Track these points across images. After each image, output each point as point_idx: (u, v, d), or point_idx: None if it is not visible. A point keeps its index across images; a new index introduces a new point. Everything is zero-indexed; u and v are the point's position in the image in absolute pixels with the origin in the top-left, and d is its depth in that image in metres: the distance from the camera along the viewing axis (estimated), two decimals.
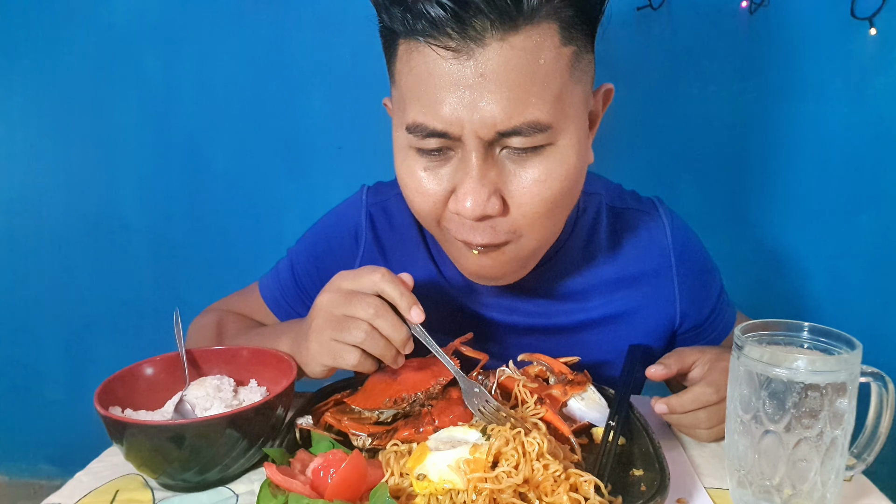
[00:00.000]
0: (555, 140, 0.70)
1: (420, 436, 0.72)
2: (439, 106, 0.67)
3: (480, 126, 0.67)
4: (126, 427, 0.68)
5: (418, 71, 0.69)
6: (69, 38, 1.65)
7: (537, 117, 0.67)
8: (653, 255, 0.95)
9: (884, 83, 1.40)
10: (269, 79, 1.61)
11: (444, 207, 0.76)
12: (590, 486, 0.62)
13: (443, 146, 0.71)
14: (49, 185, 1.76)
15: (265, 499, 0.63)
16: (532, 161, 0.71)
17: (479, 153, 0.69)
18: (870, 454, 0.66)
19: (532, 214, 0.73)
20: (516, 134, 0.68)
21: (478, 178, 0.70)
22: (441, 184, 0.74)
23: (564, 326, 0.95)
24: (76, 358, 1.90)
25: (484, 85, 0.66)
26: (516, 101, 0.66)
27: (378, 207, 1.00)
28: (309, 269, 1.03)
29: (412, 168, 0.75)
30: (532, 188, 0.71)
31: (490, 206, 0.71)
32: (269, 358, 0.83)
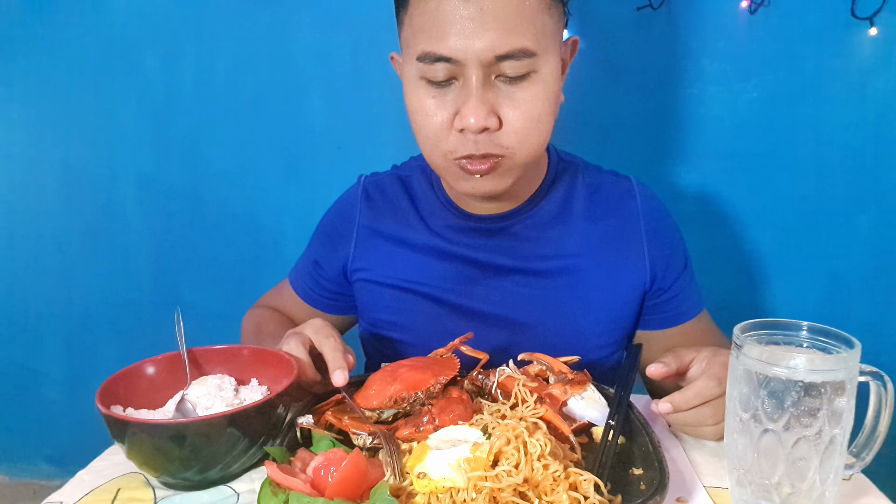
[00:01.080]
0: (538, 68, 0.85)
1: (420, 434, 0.72)
2: (447, 36, 0.81)
3: (481, 50, 0.81)
4: (128, 426, 0.68)
5: (428, 8, 0.83)
6: (69, 38, 1.65)
7: (526, 45, 0.82)
8: (625, 217, 1.05)
9: (884, 83, 1.40)
10: (269, 79, 1.61)
11: (448, 131, 0.88)
12: (589, 484, 0.62)
13: (448, 75, 0.85)
14: (49, 185, 1.77)
15: (266, 497, 0.63)
16: (521, 85, 0.85)
17: (479, 78, 0.83)
18: (868, 453, 0.66)
19: (522, 129, 0.87)
20: (510, 58, 0.82)
21: (479, 97, 0.83)
22: (446, 108, 0.87)
23: (541, 271, 1.03)
24: (76, 358, 1.91)
25: (483, 17, 0.80)
26: (510, 31, 0.81)
27: (373, 184, 1.14)
28: (323, 251, 1.15)
29: (421, 97, 0.88)
30: (522, 107, 0.86)
31: (490, 120, 0.84)
32: (270, 357, 0.84)
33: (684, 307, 1.08)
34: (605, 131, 1.53)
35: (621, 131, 1.53)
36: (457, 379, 0.84)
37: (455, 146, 0.88)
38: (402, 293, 1.06)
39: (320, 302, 1.17)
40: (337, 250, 1.11)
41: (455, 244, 1.05)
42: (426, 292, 1.05)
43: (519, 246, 1.03)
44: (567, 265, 1.03)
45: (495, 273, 1.03)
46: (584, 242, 1.03)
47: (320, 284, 1.15)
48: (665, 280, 1.05)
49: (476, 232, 1.04)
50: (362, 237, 1.10)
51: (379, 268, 1.08)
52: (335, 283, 1.14)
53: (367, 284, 1.09)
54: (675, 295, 1.06)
